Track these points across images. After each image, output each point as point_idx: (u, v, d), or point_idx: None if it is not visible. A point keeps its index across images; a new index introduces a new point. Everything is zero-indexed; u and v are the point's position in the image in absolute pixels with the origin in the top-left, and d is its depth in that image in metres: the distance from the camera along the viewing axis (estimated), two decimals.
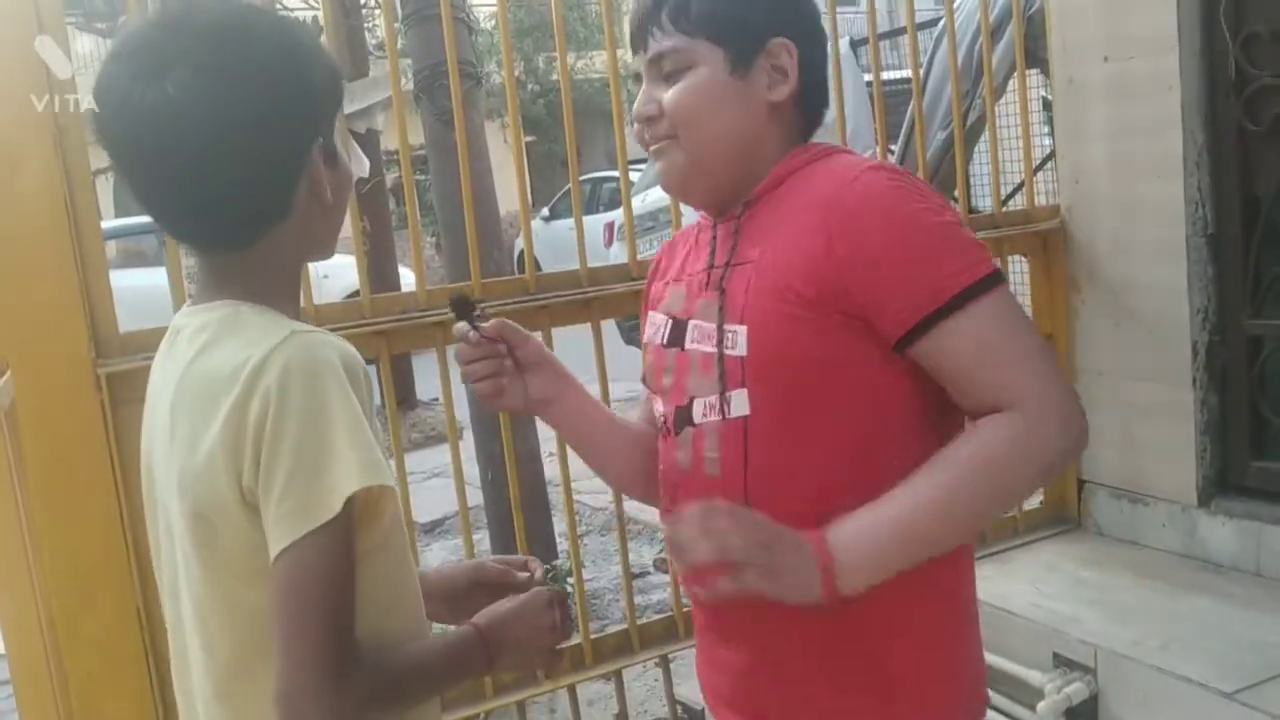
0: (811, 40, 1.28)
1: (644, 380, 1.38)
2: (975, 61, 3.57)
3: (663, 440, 1.31)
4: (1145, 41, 2.63)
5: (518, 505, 2.48)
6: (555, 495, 4.63)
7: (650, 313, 1.37)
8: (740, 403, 1.19)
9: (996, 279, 1.14)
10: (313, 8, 7.17)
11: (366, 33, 6.18)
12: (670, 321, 1.30)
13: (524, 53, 17.87)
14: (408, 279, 6.88)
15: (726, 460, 1.21)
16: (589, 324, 2.41)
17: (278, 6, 6.96)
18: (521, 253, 10.68)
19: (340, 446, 0.95)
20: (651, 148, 1.28)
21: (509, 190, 3.95)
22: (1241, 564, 2.58)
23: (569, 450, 2.25)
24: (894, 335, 1.14)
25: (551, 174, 18.51)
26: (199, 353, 1.03)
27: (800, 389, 1.17)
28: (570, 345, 2.00)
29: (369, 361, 1.35)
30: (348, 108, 5.73)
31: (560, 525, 4.37)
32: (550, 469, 3.97)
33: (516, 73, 17.71)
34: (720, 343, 1.21)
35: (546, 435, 3.53)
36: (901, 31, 4.94)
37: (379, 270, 6.16)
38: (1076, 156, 2.93)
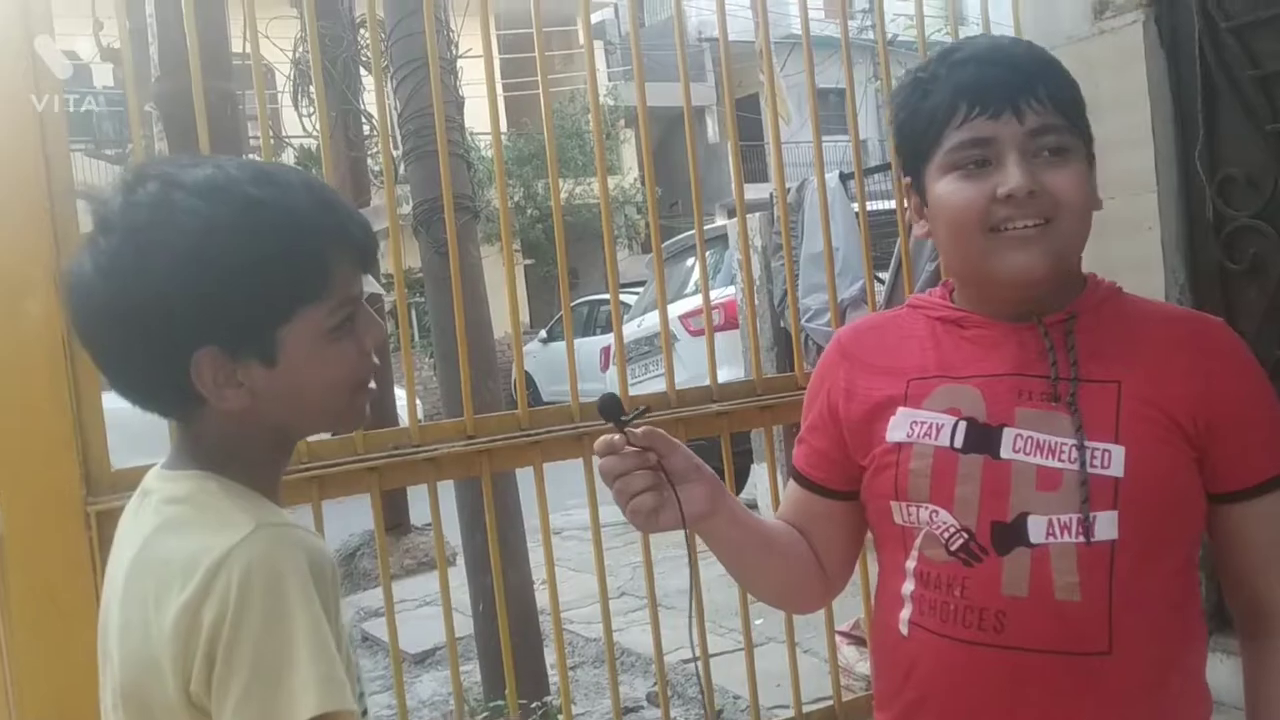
0: None
1: (885, 487, 1.26)
2: None
3: (953, 563, 1.21)
4: (1124, 183, 2.70)
5: (508, 637, 2.45)
6: (546, 624, 4.58)
7: (905, 409, 1.25)
8: (1108, 525, 1.16)
9: None
10: (313, 136, 7.32)
11: (370, 162, 6.31)
12: (964, 424, 1.21)
13: (524, 179, 18.23)
14: (404, 399, 6.90)
15: (1089, 585, 1.16)
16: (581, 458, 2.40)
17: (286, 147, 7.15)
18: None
19: (301, 661, 0.91)
20: (1016, 230, 1.18)
21: (507, 312, 4.05)
22: None
23: (557, 579, 2.29)
24: (1230, 486, 1.20)
25: (550, 296, 18.70)
26: (158, 529, 1.01)
27: (1167, 516, 1.18)
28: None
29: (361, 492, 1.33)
30: None
31: (551, 656, 4.30)
32: (541, 598, 3.93)
33: (516, 198, 17.99)
34: (1083, 461, 1.17)
35: (538, 563, 3.52)
36: (887, 167, 5.06)
37: (380, 403, 6.17)
38: None
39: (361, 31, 5.88)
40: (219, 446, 1.04)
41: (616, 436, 1.18)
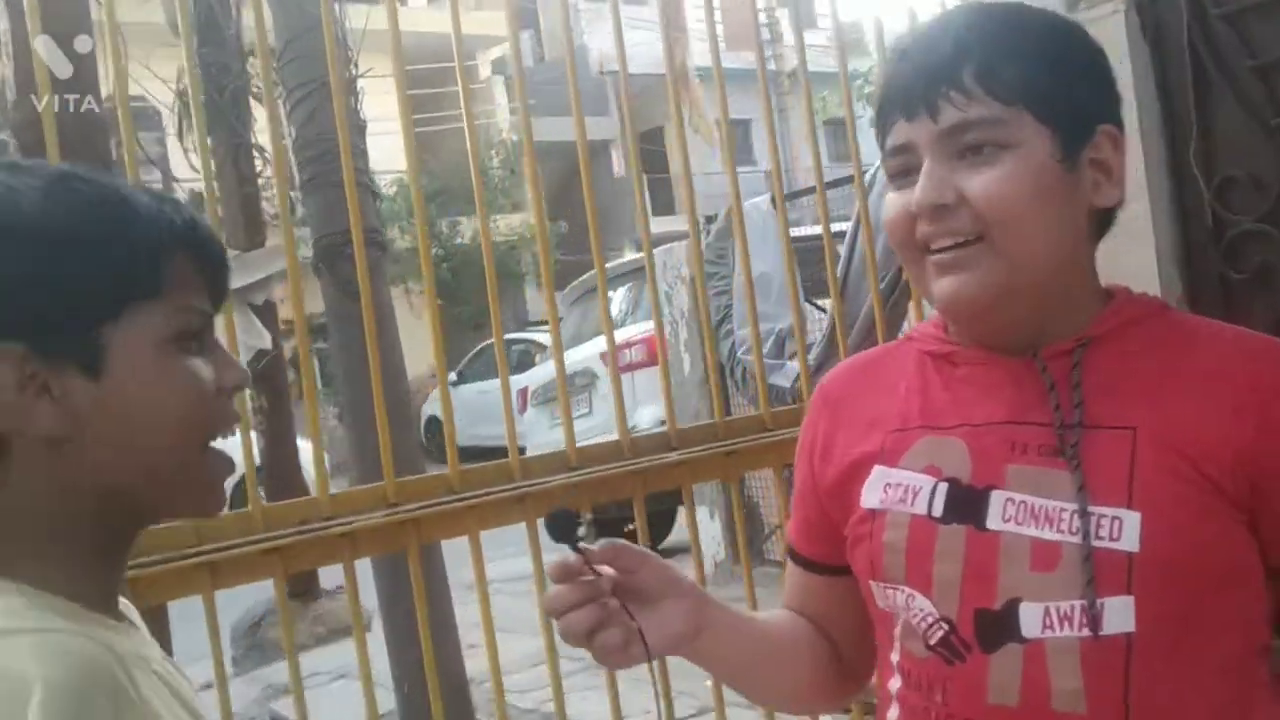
0: (1123, 128, 1.02)
1: (862, 563, 1.04)
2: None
3: (935, 660, 0.97)
4: None
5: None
6: (479, 694, 4.19)
7: (882, 468, 1.03)
8: (1122, 615, 0.90)
9: None
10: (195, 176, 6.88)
11: (264, 201, 5.89)
12: (945, 486, 0.98)
13: (428, 217, 17.83)
14: (308, 451, 6.46)
15: (1096, 691, 0.91)
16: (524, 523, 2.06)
17: (157, 176, 6.70)
18: (429, 420, 10.31)
19: None
20: (937, 254, 0.97)
21: (413, 355, 3.70)
22: None
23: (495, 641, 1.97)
24: None
25: (460, 337, 18.32)
26: None
27: (1198, 598, 0.92)
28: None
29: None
30: (244, 279, 5.42)
31: None
32: (474, 663, 3.56)
33: (410, 238, 17.77)
34: (1087, 532, 0.91)
35: (469, 623, 3.17)
36: (812, 190, 4.88)
37: (277, 451, 5.74)
38: None
39: (251, 59, 5.49)
40: (20, 529, 0.80)
41: (572, 558, 0.96)
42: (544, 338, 8.95)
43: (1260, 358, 0.97)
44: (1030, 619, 0.93)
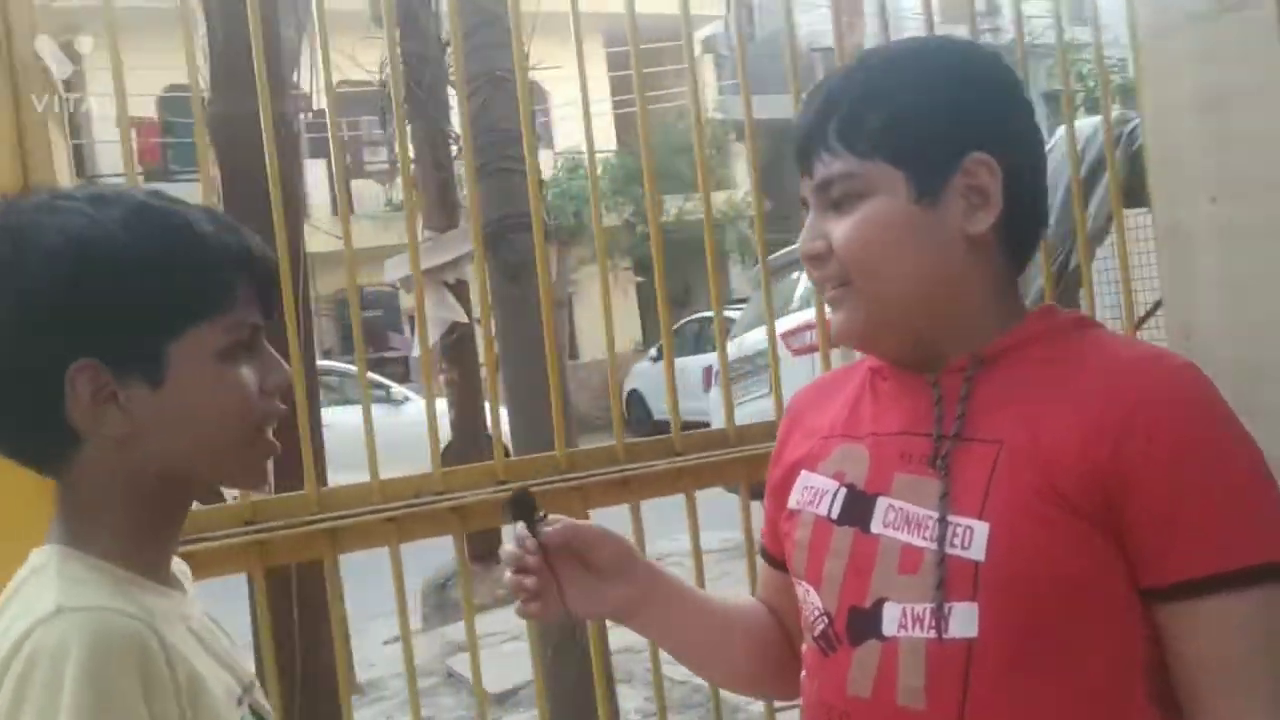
0: (1020, 151, 1.05)
1: (787, 558, 1.13)
2: (1068, 211, 3.35)
3: (816, 651, 1.04)
4: (1256, 180, 2.36)
5: (604, 681, 2.27)
6: (631, 664, 4.33)
7: (805, 472, 1.12)
8: (966, 620, 0.95)
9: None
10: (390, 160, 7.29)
11: (458, 186, 6.20)
12: (844, 491, 1.06)
13: (633, 196, 18.14)
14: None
15: (936, 691, 0.96)
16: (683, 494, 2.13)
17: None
18: (631, 394, 10.52)
19: None
20: (826, 295, 1.06)
21: (619, 330, 3.83)
22: None
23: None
24: (1158, 581, 0.93)
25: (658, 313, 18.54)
26: None
27: (1048, 613, 0.94)
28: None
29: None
30: (436, 259, 5.73)
31: (632, 701, 4.08)
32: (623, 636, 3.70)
33: (628, 215, 18.07)
34: (943, 539, 0.96)
35: None
36: None
37: (465, 421, 6.05)
38: (1186, 312, 2.64)
39: (448, 50, 5.77)
40: (88, 509, 0.95)
41: (525, 537, 1.12)
42: (738, 315, 9.02)
43: (1130, 373, 0.97)
44: (890, 618, 0.98)
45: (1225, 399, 0.99)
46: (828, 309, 1.07)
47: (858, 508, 1.04)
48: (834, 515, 1.05)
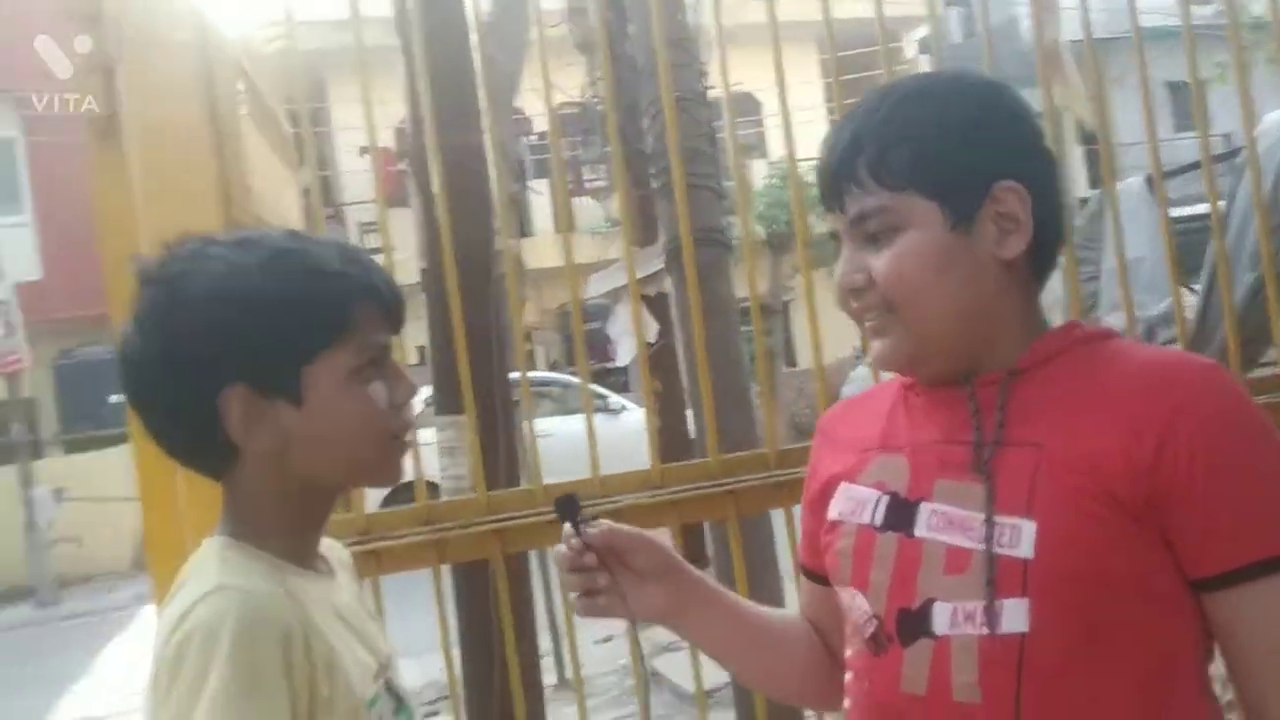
0: (1044, 177, 1.12)
1: (829, 568, 1.18)
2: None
3: (866, 653, 1.09)
4: None
5: None
6: None
7: (845, 484, 1.17)
8: (1017, 616, 1.00)
9: None
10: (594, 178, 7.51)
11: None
12: (886, 498, 1.11)
13: None
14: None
15: (991, 687, 1.01)
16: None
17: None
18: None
19: None
20: (867, 324, 1.12)
21: (836, 337, 3.85)
22: None
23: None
24: (1204, 572, 1.00)
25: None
26: (173, 591, 1.06)
27: (1097, 605, 1.00)
28: None
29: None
30: (638, 273, 5.93)
31: None
32: None
33: None
34: (990, 539, 1.02)
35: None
36: (1196, 166, 4.51)
37: (670, 427, 6.21)
38: None
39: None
40: (248, 507, 1.10)
41: (572, 539, 1.19)
42: None
43: (1164, 375, 1.03)
44: (941, 617, 1.03)
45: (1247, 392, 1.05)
46: (871, 341, 1.13)
47: (900, 514, 1.09)
48: (877, 523, 1.10)
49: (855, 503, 1.14)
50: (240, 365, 1.06)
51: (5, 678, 8.24)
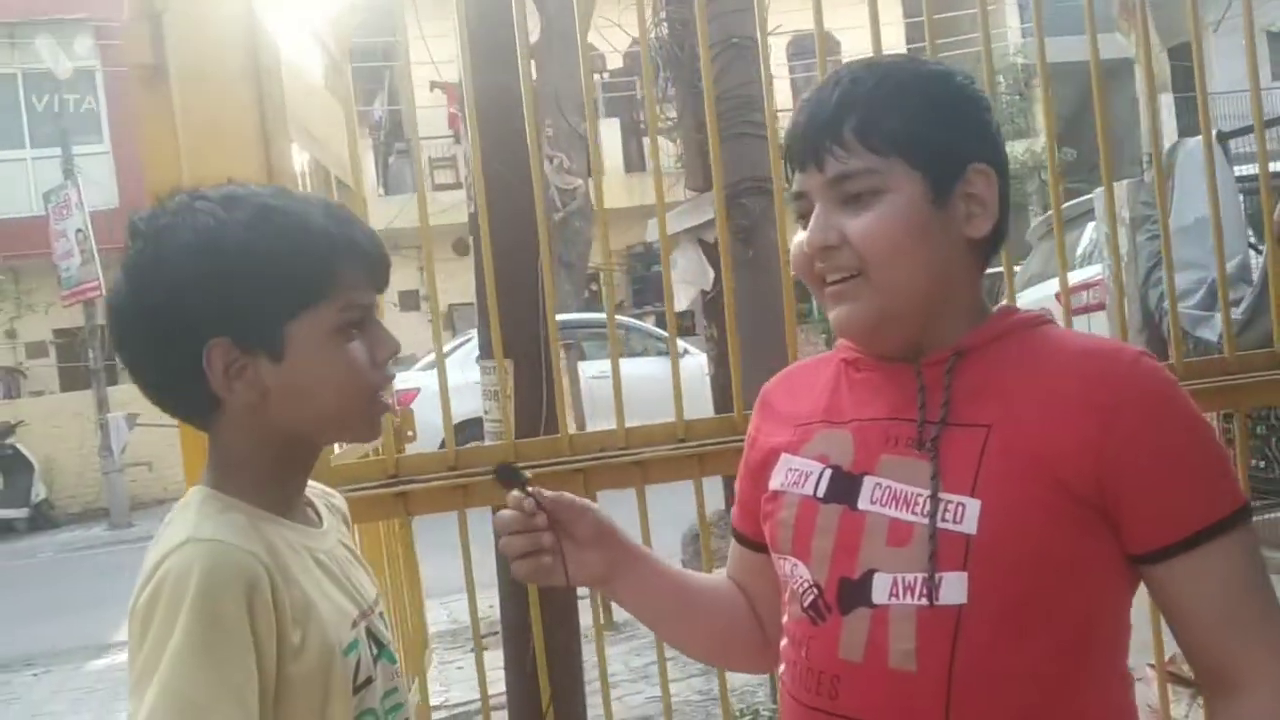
0: (1005, 167, 1.17)
1: (769, 537, 1.20)
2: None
3: (805, 621, 1.12)
4: None
5: None
6: None
7: (786, 455, 1.20)
8: (955, 588, 1.04)
9: (1249, 514, 1.08)
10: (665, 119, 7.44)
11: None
12: (829, 471, 1.14)
13: None
14: None
15: (926, 654, 1.05)
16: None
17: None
18: None
19: (160, 678, 0.96)
20: (829, 286, 1.12)
21: None
22: None
23: None
24: (1142, 547, 1.07)
25: None
26: (156, 537, 1.09)
27: (1030, 581, 1.05)
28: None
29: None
30: (693, 220, 5.88)
31: None
32: None
33: None
34: (934, 514, 1.06)
35: None
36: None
37: (721, 373, 6.20)
38: None
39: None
40: (230, 457, 1.13)
41: (525, 501, 1.22)
42: (1018, 270, 8.66)
43: (1107, 365, 1.08)
44: (881, 587, 1.06)
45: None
46: (832, 306, 1.13)
47: (844, 486, 1.12)
48: (820, 494, 1.13)
49: (798, 474, 1.17)
50: (223, 319, 1.07)
51: (83, 595, 8.57)
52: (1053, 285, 6.87)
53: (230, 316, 1.07)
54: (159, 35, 1.85)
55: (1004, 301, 1.17)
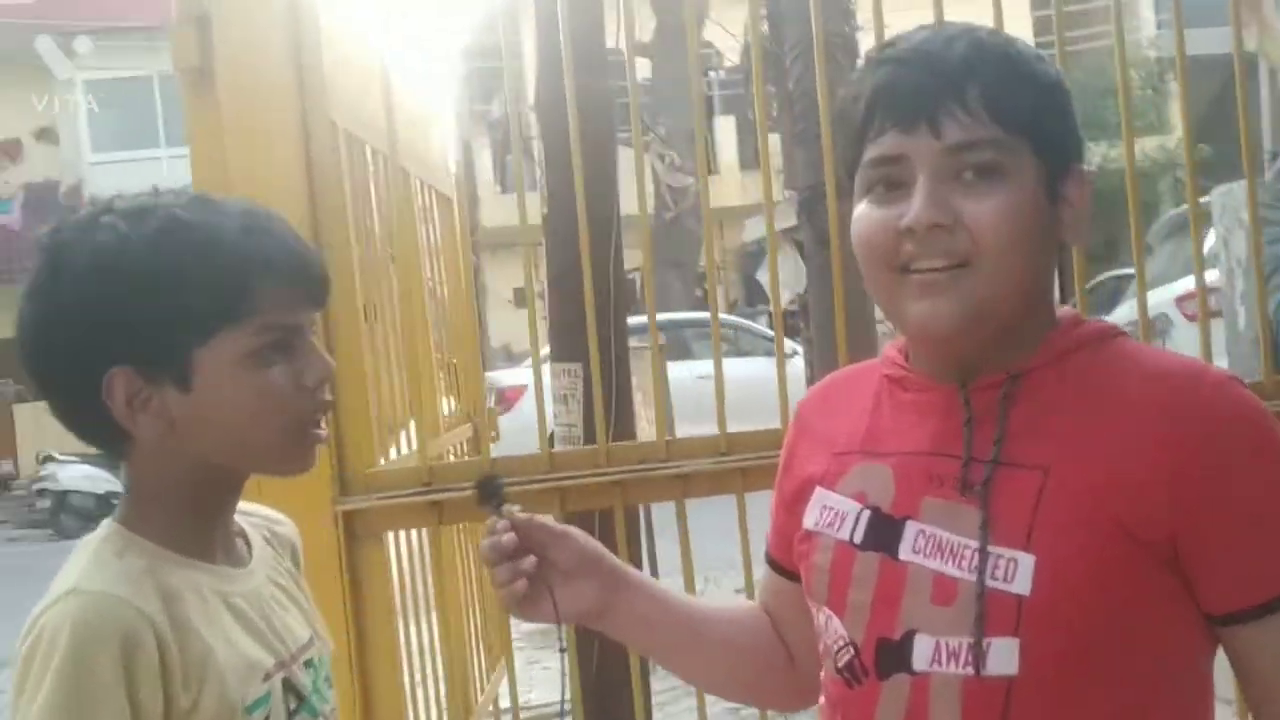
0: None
1: (805, 581, 1.07)
2: None
3: (841, 683, 1.00)
4: None
5: None
6: None
7: (821, 489, 1.05)
8: (1005, 656, 0.90)
9: None
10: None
11: None
12: (868, 513, 1.00)
13: None
14: None
15: None
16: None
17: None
18: None
19: None
20: (919, 274, 0.94)
21: None
22: None
23: None
24: (1222, 607, 0.92)
25: (1073, 272, 17.39)
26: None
27: (1092, 649, 0.91)
28: None
29: None
30: (791, 220, 5.80)
31: None
32: None
33: None
34: (982, 570, 0.92)
35: None
36: None
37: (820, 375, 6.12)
38: None
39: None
40: (143, 492, 1.04)
41: (499, 523, 1.09)
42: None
43: (1186, 388, 0.93)
44: (922, 652, 0.93)
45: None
46: (918, 298, 0.95)
47: (884, 532, 0.98)
48: (857, 540, 1.00)
49: (834, 514, 1.03)
50: (123, 347, 0.98)
51: None
52: (1173, 289, 6.57)
53: (131, 344, 0.98)
54: (206, 38, 1.86)
55: (1070, 307, 1.02)
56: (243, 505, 1.17)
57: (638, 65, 2.46)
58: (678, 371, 9.74)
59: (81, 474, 12.09)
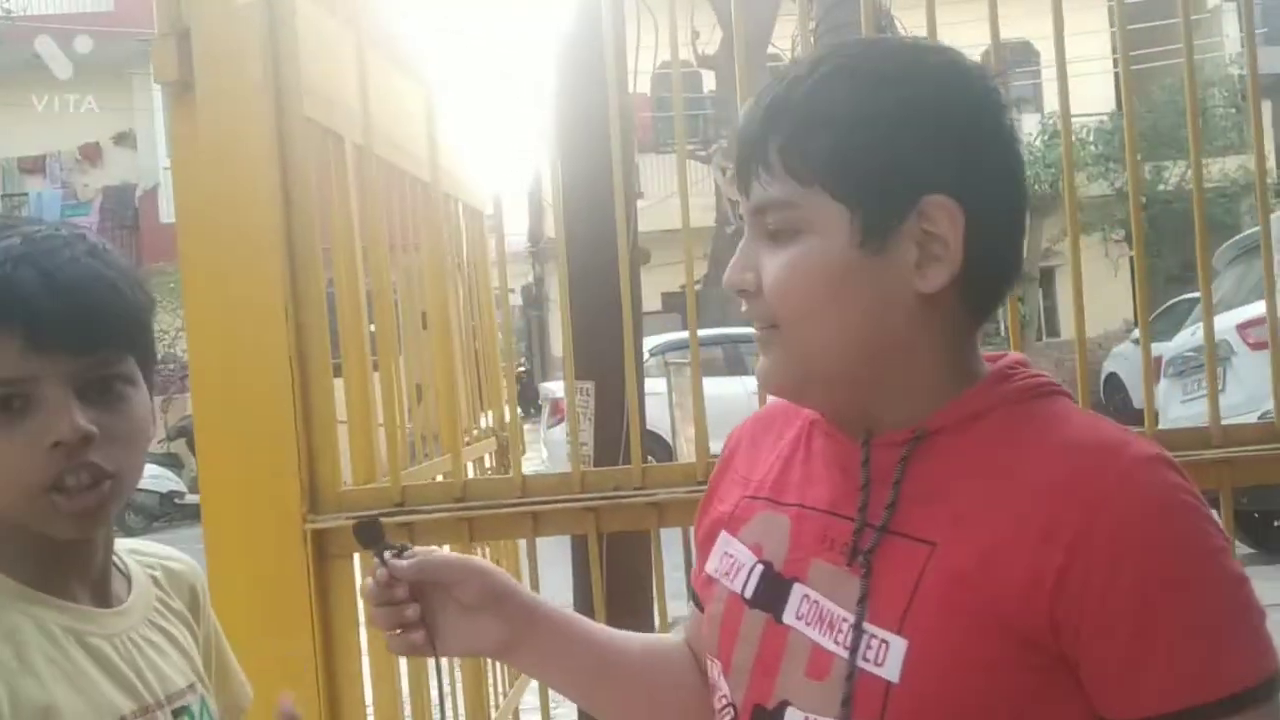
0: (993, 194, 0.89)
1: (700, 635, 1.04)
2: None
3: None
4: None
5: None
6: None
7: (725, 535, 1.01)
8: None
9: (1275, 687, 0.80)
10: None
11: None
12: (761, 569, 0.95)
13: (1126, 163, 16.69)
14: None
15: None
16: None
17: None
18: (1109, 377, 9.71)
19: None
20: (755, 333, 0.93)
21: (1106, 307, 3.50)
22: None
23: None
24: (1110, 713, 0.82)
25: (1153, 290, 17.02)
26: None
27: None
28: None
29: None
30: None
31: None
32: None
33: (1119, 183, 16.63)
34: (856, 648, 0.86)
35: None
36: None
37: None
38: None
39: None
40: None
41: (379, 569, 1.03)
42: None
43: (1090, 469, 0.82)
44: None
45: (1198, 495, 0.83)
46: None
47: (772, 591, 0.93)
48: (747, 595, 0.95)
49: (732, 562, 0.99)
50: None
51: None
52: (1236, 315, 6.34)
53: None
54: (186, 51, 1.86)
55: (1016, 361, 0.92)
56: (137, 544, 1.14)
57: (703, 78, 2.43)
58: (732, 387, 9.67)
59: (147, 473, 12.34)
